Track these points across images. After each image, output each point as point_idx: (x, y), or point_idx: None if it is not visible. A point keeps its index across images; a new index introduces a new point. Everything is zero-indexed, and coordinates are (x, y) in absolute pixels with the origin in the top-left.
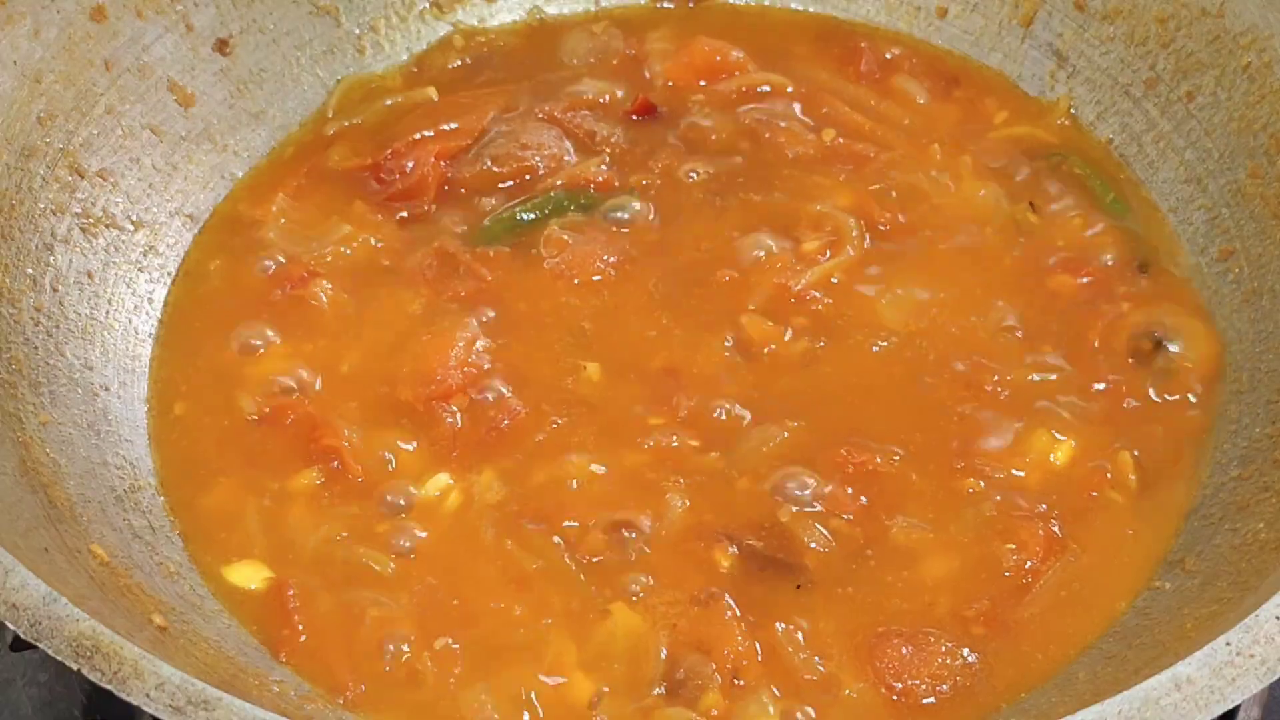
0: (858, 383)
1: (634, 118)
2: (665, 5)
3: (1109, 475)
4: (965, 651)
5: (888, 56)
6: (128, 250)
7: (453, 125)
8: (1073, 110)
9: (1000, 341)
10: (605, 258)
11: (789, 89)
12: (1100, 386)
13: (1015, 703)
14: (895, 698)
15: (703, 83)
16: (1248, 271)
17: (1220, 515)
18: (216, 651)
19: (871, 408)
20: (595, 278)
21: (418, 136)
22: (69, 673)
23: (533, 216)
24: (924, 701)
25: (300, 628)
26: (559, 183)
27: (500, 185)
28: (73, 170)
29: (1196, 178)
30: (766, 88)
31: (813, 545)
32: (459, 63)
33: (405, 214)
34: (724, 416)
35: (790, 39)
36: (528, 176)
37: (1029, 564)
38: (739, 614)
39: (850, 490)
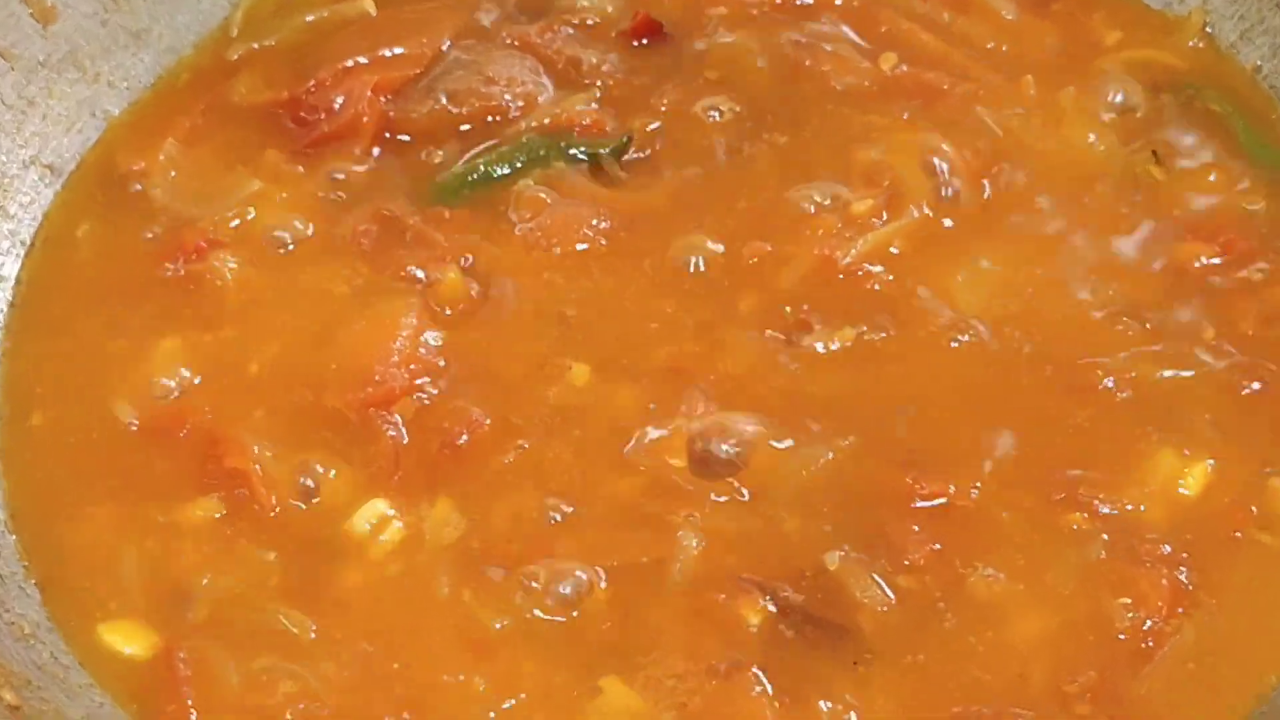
0: (927, 386)
1: (634, 42)
2: None
3: (1255, 510)
4: None
5: None
6: None
7: (396, 50)
8: (1208, 28)
9: (1115, 330)
10: (594, 223)
11: (837, 1)
12: (1248, 391)
13: None
14: None
15: None
16: None
17: None
18: None
19: (945, 420)
20: (581, 247)
21: (349, 64)
22: None
23: (502, 171)
24: None
25: (191, 705)
26: (534, 125)
27: (459, 129)
28: None
29: None
30: (808, 0)
31: (868, 600)
32: None
33: (334, 166)
34: (751, 431)
35: None
36: (494, 118)
37: (1149, 624)
38: (770, 691)
39: (917, 528)
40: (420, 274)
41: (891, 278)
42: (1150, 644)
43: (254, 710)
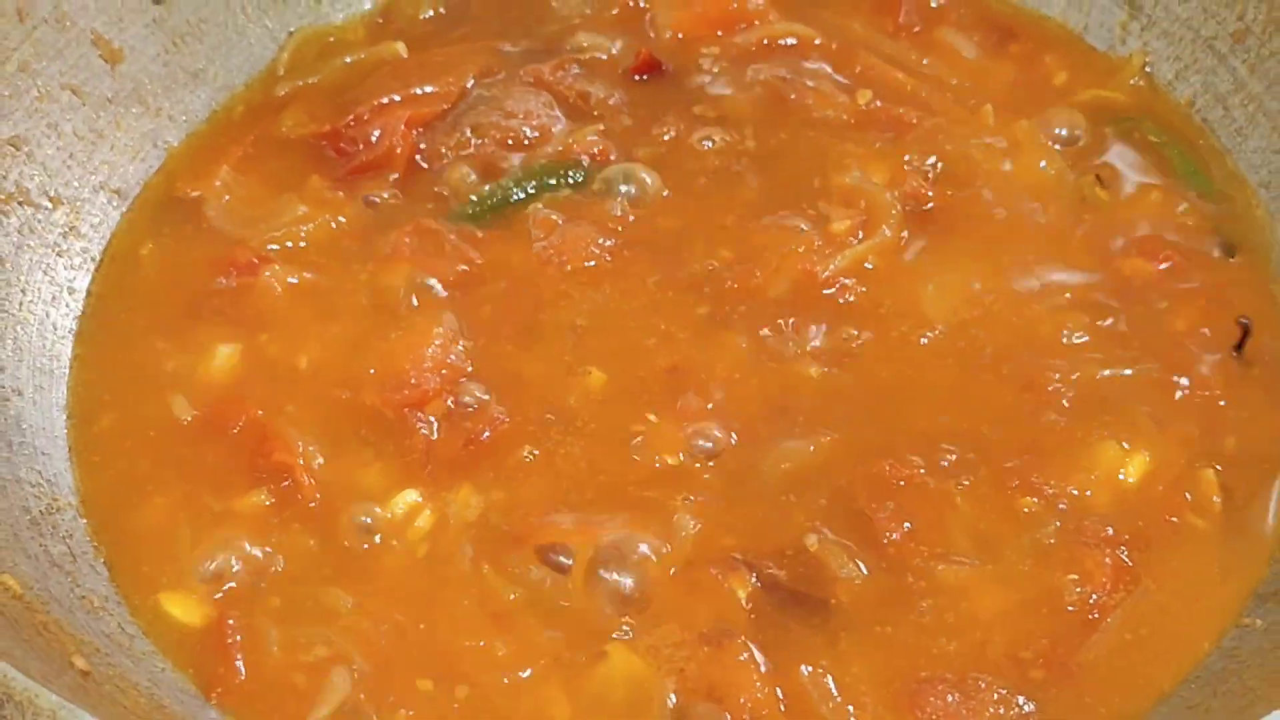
0: (898, 386)
1: (636, 78)
2: None
3: (1189, 496)
4: (1021, 700)
5: (932, 5)
6: (44, 231)
7: (426, 88)
8: (1147, 68)
9: (1066, 335)
10: (601, 241)
11: (817, 42)
12: (1180, 390)
13: None
14: None
15: (718, 34)
16: None
17: None
18: (149, 699)
19: (913, 415)
20: (589, 263)
21: (384, 100)
22: None
23: (517, 195)
24: None
25: (240, 667)
26: (549, 154)
27: (482, 158)
28: None
29: None
30: (791, 41)
31: (845, 576)
32: (432, 13)
33: (370, 191)
34: (741, 425)
35: None
36: (513, 145)
37: (1094, 598)
38: (757, 656)
39: (890, 510)
40: (445, 288)
41: (865, 289)
42: (1096, 616)
43: (293, 672)
